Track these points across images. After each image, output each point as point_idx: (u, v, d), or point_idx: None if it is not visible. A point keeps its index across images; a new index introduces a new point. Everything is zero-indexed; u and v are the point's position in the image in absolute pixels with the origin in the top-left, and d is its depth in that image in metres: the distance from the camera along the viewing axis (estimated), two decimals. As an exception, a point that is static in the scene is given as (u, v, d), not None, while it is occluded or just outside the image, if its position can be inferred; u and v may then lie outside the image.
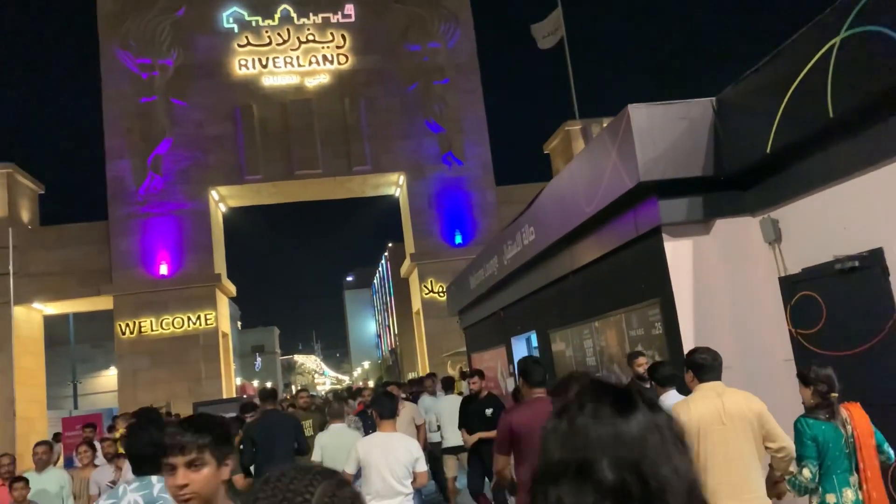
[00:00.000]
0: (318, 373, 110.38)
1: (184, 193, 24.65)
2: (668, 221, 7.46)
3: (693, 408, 4.19)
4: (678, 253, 7.60)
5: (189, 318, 23.89)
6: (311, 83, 25.82)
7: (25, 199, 25.41)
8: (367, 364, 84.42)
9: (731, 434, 4.04)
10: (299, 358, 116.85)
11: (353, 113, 25.62)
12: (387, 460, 5.19)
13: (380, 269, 72.66)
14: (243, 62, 25.59)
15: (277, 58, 25.76)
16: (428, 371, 22.13)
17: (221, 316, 25.11)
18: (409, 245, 26.31)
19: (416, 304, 26.93)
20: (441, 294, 23.81)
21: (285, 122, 25.30)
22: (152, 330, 23.72)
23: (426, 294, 25.09)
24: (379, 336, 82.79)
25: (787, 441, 4.30)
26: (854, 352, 6.05)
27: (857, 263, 5.95)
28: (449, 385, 13.46)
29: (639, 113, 7.25)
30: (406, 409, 9.60)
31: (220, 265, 26.16)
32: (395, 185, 27.49)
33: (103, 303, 24.53)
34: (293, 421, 8.52)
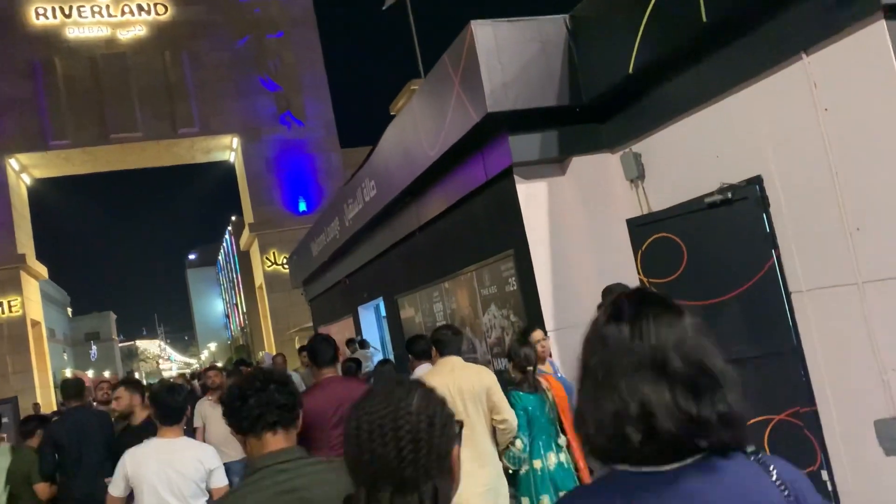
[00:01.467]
0: (163, 358, 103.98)
1: (-26, 163, 21.22)
2: (521, 160, 6.48)
3: (428, 382, 3.62)
4: (532, 197, 6.66)
5: (-11, 307, 20.72)
6: (125, 36, 22.99)
7: None
8: (213, 346, 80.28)
9: (460, 407, 4.16)
10: (142, 343, 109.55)
11: (175, 69, 23.10)
12: (166, 475, 3.83)
13: (224, 244, 68.75)
14: (41, 11, 22.30)
15: (83, 6, 22.68)
16: (275, 351, 20.56)
17: (30, 301, 22.06)
18: (248, 215, 24.34)
19: (259, 279, 25.06)
20: (285, 266, 22.13)
21: (96, 80, 22.39)
22: (-57, 322, 20.37)
23: (269, 267, 23.32)
24: (227, 316, 78.87)
25: (509, 414, 4.37)
26: (720, 299, 5.34)
27: (729, 195, 5.19)
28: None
29: (484, 31, 6.16)
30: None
31: (27, 245, 22.96)
32: (228, 150, 25.27)
33: None
34: (104, 418, 6.89)
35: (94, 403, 9.95)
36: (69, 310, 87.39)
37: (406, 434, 1.24)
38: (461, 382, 4.25)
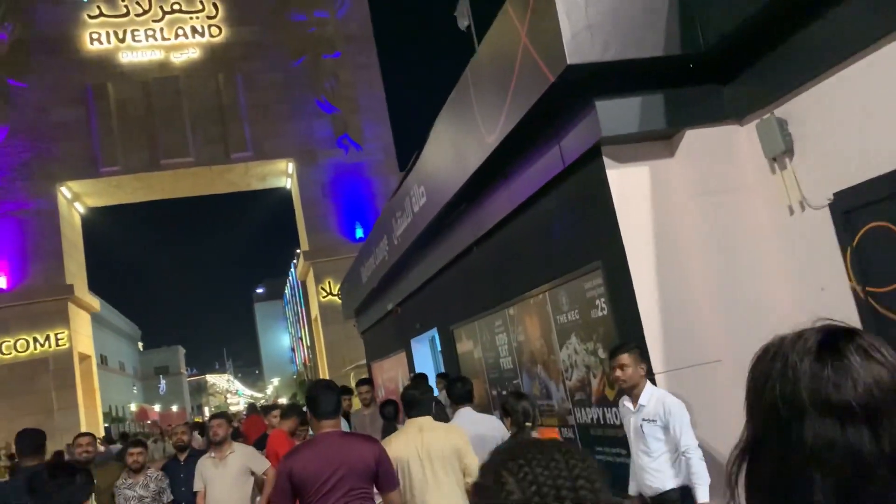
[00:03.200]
0: (231, 392, 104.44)
1: (26, 191, 20.65)
2: (612, 135, 4.67)
3: (393, 445, 4.12)
4: (628, 187, 4.84)
5: (36, 340, 19.90)
6: (178, 59, 22.28)
7: None
8: (276, 381, 79.74)
9: (428, 468, 4.04)
10: (211, 378, 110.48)
11: (228, 91, 22.22)
12: None
13: (290, 277, 68.46)
14: (95, 36, 21.81)
15: (137, 30, 22.10)
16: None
17: (78, 334, 21.19)
18: (304, 242, 23.10)
19: (315, 310, 23.69)
20: (340, 296, 20.68)
21: (148, 104, 21.66)
22: (-10, 356, 19.61)
23: (324, 297, 21.91)
24: (293, 350, 78.43)
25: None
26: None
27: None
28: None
29: (560, -46, 4.44)
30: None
31: (78, 275, 22.23)
32: (284, 175, 24.19)
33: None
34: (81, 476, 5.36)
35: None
36: (140, 344, 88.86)
37: None
38: (429, 443, 4.10)
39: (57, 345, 20.02)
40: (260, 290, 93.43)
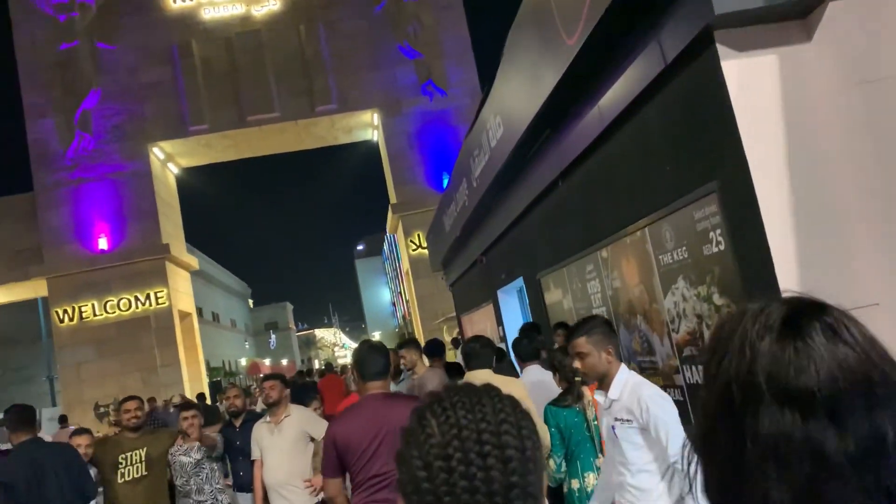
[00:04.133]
0: (338, 345, 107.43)
1: (120, 153, 20.96)
2: (728, 12, 3.55)
3: None
4: (752, 83, 3.71)
5: (137, 299, 20.35)
6: (260, 12, 21.84)
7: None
8: (377, 334, 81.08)
9: None
10: (319, 332, 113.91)
11: (311, 42, 21.64)
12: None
13: (386, 233, 68.90)
14: (178, -7, 21.62)
15: (218, -15, 21.75)
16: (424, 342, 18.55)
17: (178, 292, 21.56)
18: (392, 195, 22.50)
19: (406, 264, 23.20)
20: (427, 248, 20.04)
21: (231, 61, 21.42)
22: (95, 315, 20.23)
23: (413, 251, 21.33)
24: (393, 304, 79.39)
25: (541, 431, 2.86)
26: None
27: None
28: (437, 351, 8.18)
29: None
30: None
31: (176, 235, 22.58)
32: (370, 127, 23.56)
33: (37, 288, 21.02)
34: (70, 453, 4.95)
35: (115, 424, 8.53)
36: (250, 301, 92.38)
37: (514, 454, 0.97)
38: None
39: (157, 303, 20.41)
40: (360, 248, 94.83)
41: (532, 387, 4.77)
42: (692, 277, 4.52)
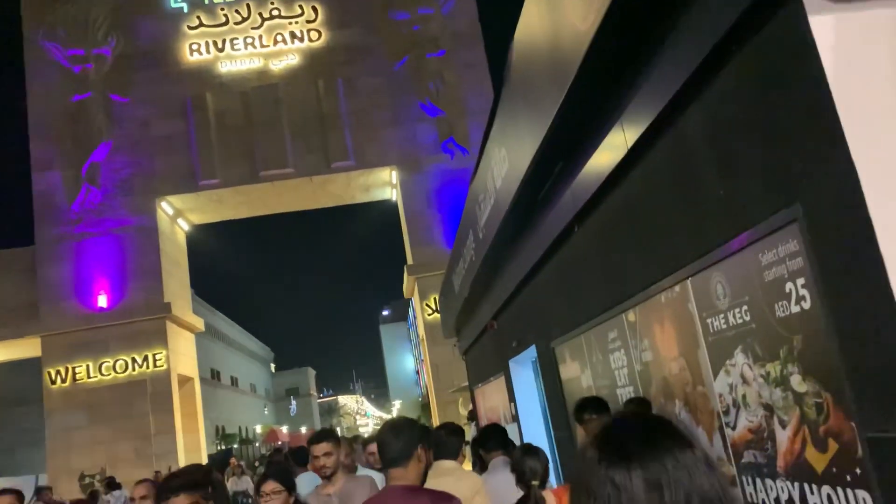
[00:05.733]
0: (360, 413, 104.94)
1: (126, 207, 20.17)
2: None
3: None
4: (854, 52, 2.41)
5: (135, 360, 19.19)
6: (278, 66, 21.30)
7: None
8: (398, 403, 78.80)
9: None
10: (343, 399, 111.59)
11: (329, 98, 20.94)
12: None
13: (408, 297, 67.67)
14: (195, 47, 21.22)
15: (236, 39, 21.33)
16: (437, 418, 17.06)
17: (179, 355, 20.36)
18: (409, 256, 21.32)
19: (421, 329, 21.81)
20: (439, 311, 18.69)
21: (247, 115, 20.75)
22: (89, 377, 19.07)
23: (429, 315, 20.00)
24: (417, 372, 77.53)
25: None
26: None
27: None
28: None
29: None
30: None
31: (180, 293, 21.56)
32: (388, 186, 22.61)
33: (31, 347, 19.97)
34: None
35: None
36: (272, 366, 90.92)
37: None
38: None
39: (155, 366, 19.23)
40: (386, 313, 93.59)
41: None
42: (757, 350, 3.12)
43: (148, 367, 19.16)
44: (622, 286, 4.63)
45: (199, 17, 21.40)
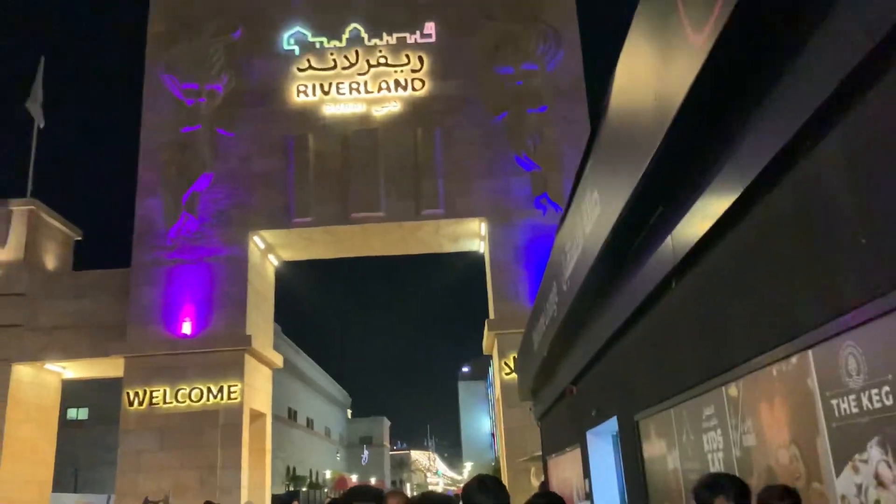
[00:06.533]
0: (430, 471, 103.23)
1: (220, 237, 20.58)
2: None
3: None
4: None
5: (210, 390, 19.24)
6: (380, 112, 21.51)
7: (53, 242, 22.36)
8: (468, 465, 76.84)
9: None
10: (415, 454, 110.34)
11: (425, 146, 20.93)
12: None
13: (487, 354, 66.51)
14: (302, 88, 21.76)
15: (342, 83, 21.75)
16: (508, 482, 16.17)
17: (253, 389, 20.34)
18: (491, 311, 20.74)
19: (497, 389, 21.03)
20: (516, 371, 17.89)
21: (345, 157, 20.97)
22: (165, 402, 19.23)
23: (507, 374, 19.24)
24: (493, 435, 75.71)
25: None
26: None
27: None
28: None
29: None
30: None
31: (263, 327, 21.67)
32: (477, 238, 22.24)
33: (116, 366, 20.40)
34: None
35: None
36: (349, 412, 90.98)
37: None
38: None
39: (229, 398, 19.21)
40: (465, 370, 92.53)
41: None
42: (905, 444, 2.41)
43: (222, 399, 19.16)
44: (724, 354, 3.94)
45: (308, 60, 22.00)
